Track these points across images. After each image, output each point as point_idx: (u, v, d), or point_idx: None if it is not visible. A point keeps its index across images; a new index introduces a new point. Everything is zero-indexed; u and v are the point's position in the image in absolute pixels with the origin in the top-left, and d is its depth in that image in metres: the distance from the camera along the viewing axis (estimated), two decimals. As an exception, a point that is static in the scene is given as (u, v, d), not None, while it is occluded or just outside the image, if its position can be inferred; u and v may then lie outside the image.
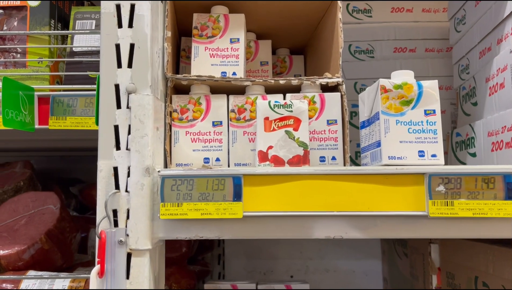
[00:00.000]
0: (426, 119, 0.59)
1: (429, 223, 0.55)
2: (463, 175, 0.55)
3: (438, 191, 0.55)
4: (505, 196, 0.54)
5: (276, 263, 1.43)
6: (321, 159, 0.67)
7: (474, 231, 0.55)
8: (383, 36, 1.19)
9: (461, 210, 0.54)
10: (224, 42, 0.72)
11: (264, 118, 0.62)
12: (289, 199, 0.57)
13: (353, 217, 0.57)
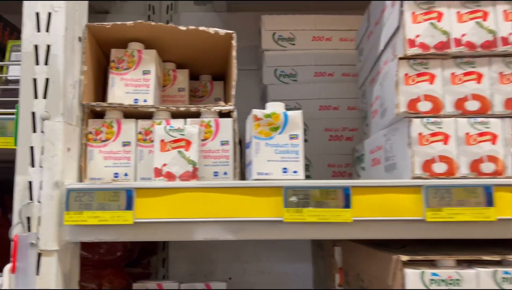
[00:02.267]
0: (290, 142, 0.72)
1: (285, 227, 0.68)
2: (311, 188, 0.67)
3: (291, 201, 0.67)
4: (344, 205, 0.67)
5: (216, 266, 1.54)
6: (214, 174, 0.79)
7: (319, 233, 0.67)
8: (305, 61, 1.33)
9: (309, 216, 0.67)
10: (137, 74, 0.84)
11: (160, 140, 0.73)
12: (175, 208, 0.69)
13: (227, 222, 0.69)
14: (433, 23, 0.74)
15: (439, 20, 0.74)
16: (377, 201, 0.68)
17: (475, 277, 0.67)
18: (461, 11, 0.74)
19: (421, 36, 0.74)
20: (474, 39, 0.73)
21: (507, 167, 0.71)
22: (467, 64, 0.73)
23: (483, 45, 0.73)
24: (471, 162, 0.71)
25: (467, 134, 0.72)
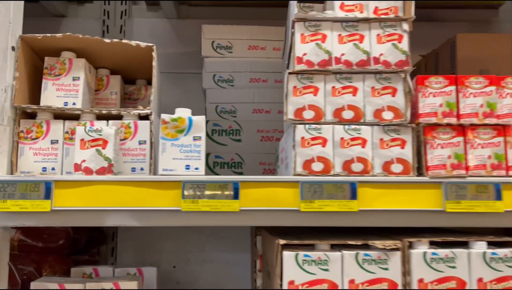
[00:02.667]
0: (193, 143, 0.84)
1: (182, 215, 0.79)
2: (206, 182, 0.79)
3: (188, 193, 0.79)
4: (233, 197, 0.79)
5: (162, 256, 1.64)
6: (132, 169, 0.90)
7: (212, 221, 0.79)
8: (241, 68, 1.44)
9: (203, 206, 0.78)
10: (67, 80, 0.94)
11: (80, 139, 0.84)
12: (90, 198, 0.80)
13: (134, 211, 0.80)
14: (318, 44, 0.86)
15: (323, 41, 0.86)
16: (263, 194, 0.80)
17: (340, 258, 0.80)
18: (342, 33, 0.87)
19: (308, 54, 0.86)
20: (351, 58, 0.86)
21: (374, 167, 0.84)
22: (345, 79, 0.86)
23: (358, 64, 0.86)
24: (343, 162, 0.84)
25: (342, 138, 0.84)
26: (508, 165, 0.84)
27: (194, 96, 1.57)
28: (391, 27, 0.86)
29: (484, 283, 0.80)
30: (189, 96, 1.61)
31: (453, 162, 0.84)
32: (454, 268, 0.80)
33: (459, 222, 0.80)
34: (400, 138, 0.84)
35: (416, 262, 0.80)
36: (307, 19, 0.87)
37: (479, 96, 0.86)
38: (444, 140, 0.85)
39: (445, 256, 0.80)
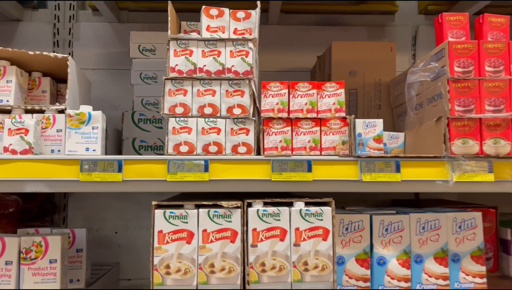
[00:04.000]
0: (92, 131, 1.11)
1: (80, 184, 1.07)
2: (98, 160, 1.07)
3: (85, 168, 1.06)
4: (117, 170, 1.07)
5: (106, 223, 1.92)
6: (51, 151, 1.17)
7: (101, 188, 1.07)
8: (164, 67, 1.70)
9: (95, 177, 1.06)
10: (2, 82, 1.20)
11: (8, 128, 1.11)
12: (14, 171, 1.07)
13: (46, 181, 1.07)
14: (186, 57, 1.13)
15: (191, 55, 1.14)
16: (141, 169, 1.08)
17: (196, 214, 1.08)
18: (204, 49, 1.14)
19: (179, 65, 1.13)
20: (211, 68, 1.13)
21: (226, 149, 1.12)
22: (207, 84, 1.14)
23: (216, 73, 1.13)
24: (203, 145, 1.12)
25: (203, 128, 1.12)
26: (322, 147, 1.13)
27: (132, 89, 1.83)
28: (241, 45, 1.14)
29: (300, 231, 1.09)
30: (128, 88, 1.86)
31: (283, 145, 1.13)
32: (279, 220, 1.09)
33: (281, 188, 1.09)
34: (245, 128, 1.13)
35: (251, 216, 1.09)
36: (179, 39, 1.13)
37: (304, 97, 1.14)
38: (277, 129, 1.13)
39: (273, 212, 1.09)
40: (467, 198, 1.84)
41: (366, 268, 1.17)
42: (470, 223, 1.22)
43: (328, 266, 1.10)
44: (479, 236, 1.21)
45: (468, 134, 1.09)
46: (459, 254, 1.21)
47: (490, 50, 1.10)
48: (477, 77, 1.10)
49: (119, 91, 1.89)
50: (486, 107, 1.09)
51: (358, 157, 1.10)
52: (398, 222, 1.19)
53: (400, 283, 1.17)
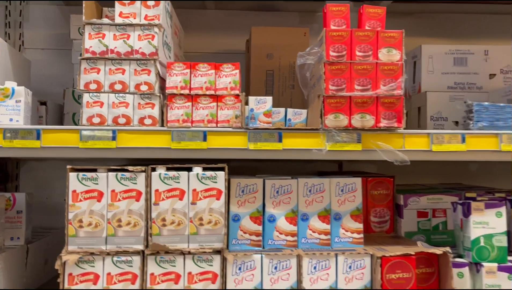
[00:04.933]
0: (15, 104, 1.25)
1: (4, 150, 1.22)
2: (19, 129, 1.21)
3: (7, 136, 1.21)
4: (36, 138, 1.22)
5: (55, 191, 2.07)
6: (-17, 122, 1.32)
7: (23, 154, 1.22)
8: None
9: (16, 144, 1.21)
10: None
11: None
12: None
13: (-26, 147, 1.22)
14: (100, 40, 1.28)
15: (103, 38, 1.28)
16: (58, 137, 1.23)
17: (106, 176, 1.24)
18: (116, 33, 1.28)
19: (93, 47, 1.28)
20: (121, 50, 1.28)
21: (133, 121, 1.27)
22: (117, 63, 1.28)
23: (125, 54, 1.28)
24: (113, 117, 1.27)
25: (113, 102, 1.27)
26: (218, 120, 1.29)
27: (76, 68, 1.96)
28: (148, 30, 1.28)
29: (196, 192, 1.26)
30: (72, 67, 1.98)
31: (184, 118, 1.29)
32: (178, 182, 1.26)
33: (180, 155, 1.25)
34: (151, 103, 1.28)
35: (154, 179, 1.25)
36: (92, 23, 1.27)
37: (204, 76, 1.30)
38: (180, 104, 1.29)
39: (173, 175, 1.26)
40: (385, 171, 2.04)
41: (258, 225, 1.35)
42: (351, 187, 1.40)
43: (220, 221, 1.28)
44: (358, 198, 1.39)
45: (340, 109, 1.26)
46: (340, 213, 1.39)
47: (361, 37, 1.26)
48: (348, 61, 1.26)
49: (64, 70, 2.01)
50: (355, 86, 1.26)
51: (247, 129, 1.27)
52: (287, 186, 1.37)
53: (287, 237, 1.36)
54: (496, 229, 1.38)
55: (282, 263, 1.30)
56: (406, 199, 1.64)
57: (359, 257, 1.32)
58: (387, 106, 1.26)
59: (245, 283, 1.28)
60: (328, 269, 1.31)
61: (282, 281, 1.29)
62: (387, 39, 1.27)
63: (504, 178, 2.09)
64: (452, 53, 1.87)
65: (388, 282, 1.27)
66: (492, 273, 1.36)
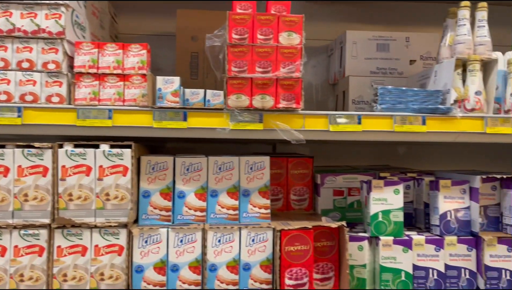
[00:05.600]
0: None
1: None
2: None
3: None
4: None
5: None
6: None
7: None
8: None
9: None
10: None
11: None
12: None
13: None
14: (7, 18, 1.29)
15: (10, 16, 1.29)
16: None
17: (12, 152, 1.27)
18: (23, 12, 1.30)
19: (0, 25, 1.29)
20: (28, 28, 1.30)
21: (41, 98, 1.30)
22: (25, 42, 1.30)
23: (32, 32, 1.30)
24: (20, 95, 1.30)
25: (21, 80, 1.30)
26: (125, 99, 1.33)
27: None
28: (55, 9, 1.30)
29: (103, 168, 1.31)
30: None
31: (91, 97, 1.32)
32: (85, 159, 1.30)
33: (86, 132, 1.29)
34: (58, 81, 1.31)
35: (61, 155, 1.29)
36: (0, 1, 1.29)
37: (112, 56, 1.33)
38: (87, 83, 1.32)
39: (79, 152, 1.30)
40: (318, 153, 2.12)
41: (168, 201, 1.40)
42: (260, 165, 1.46)
43: (126, 197, 1.33)
44: (267, 175, 1.46)
45: (242, 90, 1.32)
46: (249, 190, 1.45)
47: (262, 21, 1.31)
48: (250, 44, 1.31)
49: None
50: (256, 68, 1.31)
51: (152, 108, 1.31)
52: (197, 163, 1.43)
53: (196, 213, 1.42)
54: (393, 205, 1.47)
55: (188, 236, 1.36)
56: (323, 178, 1.72)
57: (261, 231, 1.39)
58: (286, 88, 1.32)
59: (151, 255, 1.34)
60: (232, 242, 1.38)
61: (187, 254, 1.36)
62: (287, 23, 1.32)
63: (431, 160, 2.21)
64: (375, 39, 1.95)
65: (287, 254, 1.35)
66: (388, 246, 1.46)
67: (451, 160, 2.20)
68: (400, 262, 1.45)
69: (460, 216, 1.49)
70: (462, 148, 2.17)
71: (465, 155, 2.21)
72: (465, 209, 1.49)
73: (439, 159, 2.21)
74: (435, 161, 2.20)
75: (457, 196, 1.49)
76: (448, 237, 1.47)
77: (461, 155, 2.22)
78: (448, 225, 1.49)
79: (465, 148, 2.18)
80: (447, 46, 1.54)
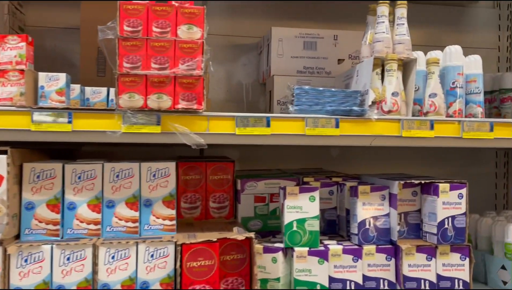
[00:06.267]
0: None
1: None
2: None
3: None
4: None
5: None
6: None
7: None
8: None
9: None
10: None
11: None
12: None
13: None
14: None
15: None
16: None
17: None
18: None
19: None
20: None
21: None
22: None
23: None
24: None
25: None
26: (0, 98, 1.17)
27: None
28: None
29: None
30: None
31: (-42, 95, 1.15)
32: (-50, 167, 1.13)
33: None
34: None
35: None
36: None
37: (14, 50, 1.16)
38: (-47, 79, 1.15)
39: None
40: (249, 156, 2.02)
41: (56, 213, 1.25)
42: (164, 172, 1.33)
43: (1, 210, 1.16)
44: (172, 183, 1.33)
45: (135, 89, 1.18)
46: (151, 199, 1.32)
47: (158, 12, 1.18)
48: (144, 37, 1.18)
49: None
50: (152, 65, 1.18)
51: (31, 108, 1.15)
52: (91, 171, 1.27)
53: (90, 226, 1.27)
54: (309, 214, 1.38)
55: (76, 253, 1.21)
56: (244, 184, 1.61)
57: (162, 245, 1.26)
58: (186, 87, 1.19)
59: (32, 276, 1.18)
60: (128, 258, 1.23)
61: (75, 273, 1.20)
62: (187, 16, 1.20)
63: (368, 162, 2.14)
64: (302, 37, 1.86)
65: (189, 270, 1.23)
66: (302, 258, 1.36)
67: (390, 163, 2.15)
68: (315, 275, 1.35)
69: (379, 224, 1.42)
70: (400, 150, 2.12)
71: (404, 157, 2.17)
72: (384, 216, 1.42)
73: (375, 162, 2.15)
74: (371, 164, 2.14)
75: (377, 202, 1.42)
76: (366, 247, 1.40)
77: (400, 157, 2.16)
78: (367, 233, 1.41)
79: (404, 151, 2.13)
80: (368, 45, 1.47)
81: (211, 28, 2.14)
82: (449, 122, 1.33)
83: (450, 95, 1.43)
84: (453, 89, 1.42)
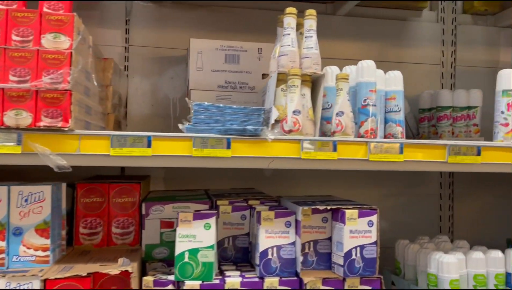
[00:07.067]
0: None
1: None
2: None
3: None
4: None
5: None
6: None
7: None
8: None
9: None
10: None
11: None
12: None
13: None
14: None
15: None
16: None
17: None
18: None
19: None
20: None
21: None
22: None
23: None
24: None
25: None
26: None
27: None
28: None
29: None
30: None
31: None
32: None
33: None
34: None
35: None
36: None
37: None
38: None
39: None
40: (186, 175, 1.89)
41: None
42: (38, 196, 1.20)
43: None
44: (47, 209, 1.20)
45: (-14, 104, 1.05)
46: (22, 227, 1.19)
47: (19, 19, 1.06)
48: (2, 46, 1.06)
49: None
50: (10, 77, 1.05)
51: None
52: (-50, 195, 1.14)
53: None
54: (203, 243, 1.24)
55: None
56: (148, 207, 1.48)
57: (25, 281, 1.11)
58: (50, 102, 1.07)
59: None
60: (-17, 296, 1.10)
61: None
62: (54, 23, 1.08)
63: (309, 183, 2.02)
64: (224, 49, 1.75)
65: (54, 310, 1.09)
66: (194, 293, 1.23)
67: (330, 184, 2.03)
68: (208, 312, 1.23)
69: (283, 254, 1.29)
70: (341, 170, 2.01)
71: (345, 177, 2.06)
72: (290, 245, 1.30)
73: (314, 182, 2.03)
74: (309, 184, 2.02)
75: (281, 230, 1.30)
76: (268, 279, 1.27)
77: (340, 177, 2.05)
78: (269, 264, 1.28)
79: (344, 171, 2.02)
80: (276, 58, 1.37)
81: (135, 38, 2.07)
82: (354, 143, 1.23)
83: (361, 114, 1.32)
84: (364, 107, 1.32)
